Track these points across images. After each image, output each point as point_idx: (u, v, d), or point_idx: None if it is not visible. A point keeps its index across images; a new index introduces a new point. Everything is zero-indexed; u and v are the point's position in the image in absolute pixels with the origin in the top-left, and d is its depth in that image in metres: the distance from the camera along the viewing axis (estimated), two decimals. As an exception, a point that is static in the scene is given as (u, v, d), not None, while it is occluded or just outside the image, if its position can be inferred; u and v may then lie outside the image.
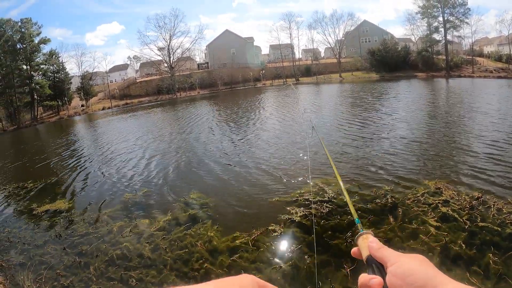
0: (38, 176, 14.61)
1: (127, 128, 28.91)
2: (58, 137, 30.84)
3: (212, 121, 26.11)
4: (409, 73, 62.94)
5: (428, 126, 15.96)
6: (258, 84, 73.25)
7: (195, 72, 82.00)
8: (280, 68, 79.15)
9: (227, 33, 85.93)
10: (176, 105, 48.22)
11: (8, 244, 8.11)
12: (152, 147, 17.80)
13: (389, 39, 74.65)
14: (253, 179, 10.52)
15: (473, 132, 13.90)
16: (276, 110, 27.45)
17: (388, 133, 14.96)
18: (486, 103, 21.84)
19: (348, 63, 75.80)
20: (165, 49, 77.01)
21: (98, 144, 22.32)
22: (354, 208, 1.08)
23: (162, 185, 11.15)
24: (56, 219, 9.31)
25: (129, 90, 76.21)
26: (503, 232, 6.07)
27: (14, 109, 58.28)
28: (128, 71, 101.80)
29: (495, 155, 10.51)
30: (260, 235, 6.70)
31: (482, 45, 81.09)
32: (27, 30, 60.92)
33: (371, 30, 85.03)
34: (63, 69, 69.59)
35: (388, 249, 0.79)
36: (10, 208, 11.05)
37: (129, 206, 9.49)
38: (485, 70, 56.45)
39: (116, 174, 13.26)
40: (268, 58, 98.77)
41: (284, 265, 5.75)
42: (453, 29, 66.61)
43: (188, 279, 5.78)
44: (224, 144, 16.49)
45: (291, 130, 17.91)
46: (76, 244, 7.55)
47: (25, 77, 61.27)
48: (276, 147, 14.40)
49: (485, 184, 8.35)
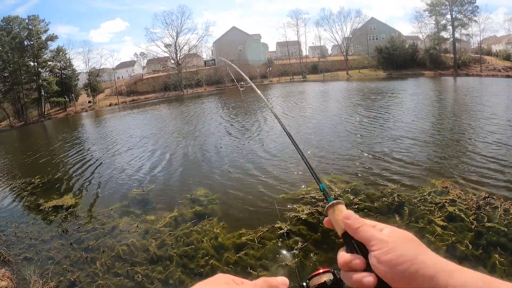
0: (45, 171, 14.71)
1: (134, 124, 29.01)
2: (65, 133, 30.99)
3: (219, 117, 26.10)
4: (416, 71, 62.69)
5: (436, 126, 15.85)
6: (265, 81, 73.17)
7: (201, 69, 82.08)
8: (287, 65, 79.04)
9: (234, 30, 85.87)
10: (183, 102, 48.30)
11: (15, 239, 8.17)
12: (159, 143, 17.85)
13: (396, 37, 74.40)
14: (260, 176, 10.50)
15: (481, 133, 13.77)
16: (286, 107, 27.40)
17: (395, 131, 14.88)
18: (494, 103, 21.66)
19: (355, 60, 75.47)
20: (172, 46, 77.16)
21: (105, 140, 22.40)
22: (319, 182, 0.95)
23: (169, 181, 11.18)
24: (63, 214, 9.37)
25: (136, 87, 76.51)
26: (510, 233, 6.01)
27: (21, 105, 58.76)
28: (135, 68, 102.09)
29: (503, 156, 10.41)
30: (266, 232, 6.69)
31: (490, 43, 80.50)
32: (35, 27, 61.35)
33: (379, 28, 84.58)
34: (70, 66, 70.06)
35: (368, 228, 0.72)
36: (18, 204, 11.14)
37: (135, 202, 9.52)
38: (493, 69, 56.07)
39: (123, 170, 13.31)
40: (275, 56, 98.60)
41: (290, 263, 5.75)
42: (461, 27, 66.31)
43: (194, 275, 5.80)
44: (231, 140, 16.49)
45: (297, 128, 17.87)
46: (82, 239, 7.60)
47: (32, 73, 61.71)
48: (283, 145, 14.37)
49: (492, 184, 8.27)
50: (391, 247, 0.66)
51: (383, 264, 0.65)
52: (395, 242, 0.66)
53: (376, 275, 0.67)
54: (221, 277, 0.70)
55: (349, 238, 0.75)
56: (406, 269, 0.62)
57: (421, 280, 0.61)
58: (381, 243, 0.67)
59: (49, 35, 64.94)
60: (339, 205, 0.80)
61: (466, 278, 0.59)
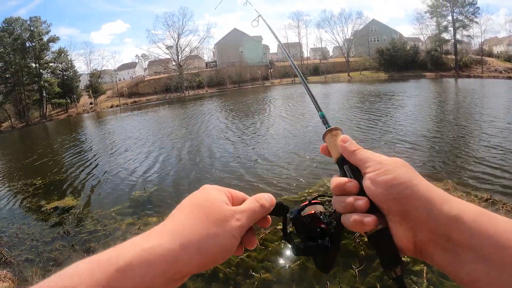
0: (47, 173, 14.72)
1: (136, 126, 29.05)
2: (67, 134, 31.02)
3: (220, 118, 26.17)
4: (418, 73, 62.64)
5: (437, 127, 15.84)
6: (266, 83, 73.22)
7: (203, 70, 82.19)
8: (289, 67, 79.00)
9: (235, 32, 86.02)
10: (184, 103, 48.32)
11: (17, 240, 8.17)
12: (161, 145, 17.85)
13: (397, 39, 74.43)
14: (262, 177, 10.49)
15: (482, 136, 13.74)
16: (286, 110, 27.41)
17: (396, 132, 14.87)
18: (496, 106, 21.65)
19: (356, 62, 75.53)
20: (173, 47, 77.32)
21: (106, 141, 22.43)
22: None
23: (171, 182, 11.18)
24: (64, 216, 9.36)
25: (138, 88, 76.62)
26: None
27: (23, 106, 58.87)
28: (136, 69, 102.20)
29: (505, 158, 10.40)
30: (269, 234, 6.68)
31: (491, 44, 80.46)
32: (36, 28, 61.58)
33: (380, 29, 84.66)
34: (71, 67, 70.18)
35: (364, 151, 0.71)
36: (19, 205, 11.13)
37: (137, 204, 9.52)
38: (494, 70, 55.99)
39: (124, 171, 13.30)
40: (277, 57, 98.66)
41: (293, 265, 5.73)
42: (463, 29, 66.34)
43: (195, 276, 5.78)
44: (233, 141, 16.48)
45: (300, 129, 17.87)
46: (84, 241, 7.59)
47: (34, 75, 61.85)
48: (285, 146, 14.36)
49: (494, 185, 8.25)
50: (386, 169, 0.64)
51: (378, 185, 0.63)
52: (390, 165, 0.65)
53: (368, 199, 0.65)
54: (209, 191, 0.68)
55: (344, 162, 0.73)
56: (401, 191, 0.61)
57: (416, 203, 0.60)
58: (376, 165, 0.66)
59: (50, 36, 65.19)
60: (337, 130, 0.79)
61: (461, 205, 0.59)
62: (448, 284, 4.68)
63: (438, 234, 0.58)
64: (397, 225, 0.62)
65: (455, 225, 0.57)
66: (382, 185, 0.63)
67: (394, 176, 0.63)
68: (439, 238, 0.58)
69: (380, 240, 0.64)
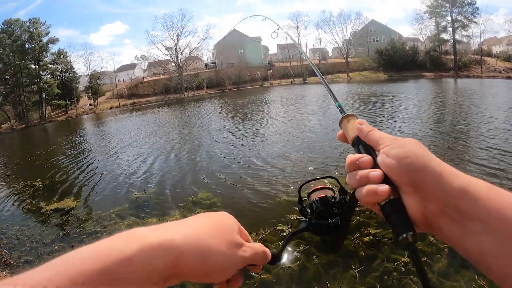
0: (47, 174, 14.69)
1: (135, 127, 29.00)
2: (66, 135, 30.99)
3: (220, 119, 26.17)
4: (417, 73, 62.71)
5: (436, 127, 15.86)
6: (266, 84, 73.23)
7: (202, 71, 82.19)
8: (288, 67, 79.15)
9: (235, 33, 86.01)
10: (184, 104, 48.29)
11: (16, 242, 8.15)
12: (160, 146, 17.82)
13: (397, 39, 74.53)
14: (262, 178, 10.48)
15: (481, 137, 13.76)
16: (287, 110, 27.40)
17: (395, 133, 14.86)
18: (496, 105, 21.67)
19: (356, 62, 75.64)
20: (172, 48, 77.34)
21: (106, 142, 22.41)
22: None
23: (170, 184, 11.15)
24: (64, 217, 9.34)
25: (137, 90, 76.63)
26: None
27: (22, 108, 58.87)
28: (136, 71, 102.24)
29: (504, 159, 10.40)
30: (268, 235, 6.67)
31: (490, 44, 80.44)
32: (36, 30, 61.59)
33: (379, 30, 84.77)
34: (71, 69, 70.26)
35: (379, 132, 0.75)
36: (19, 206, 11.11)
37: (137, 205, 9.50)
38: (493, 70, 56.07)
39: (124, 173, 13.28)
40: (276, 58, 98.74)
41: (292, 265, 5.72)
42: (462, 29, 66.39)
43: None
44: (232, 143, 16.45)
45: (301, 129, 17.87)
46: (84, 242, 7.54)
47: (33, 76, 61.87)
48: (286, 147, 14.36)
49: (496, 184, 8.24)
50: (400, 144, 0.68)
51: (391, 157, 0.66)
52: (403, 141, 0.69)
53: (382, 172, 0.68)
54: (228, 218, 0.71)
55: (359, 142, 0.77)
56: (413, 162, 0.63)
57: (427, 176, 0.62)
58: (390, 141, 0.70)
59: (50, 38, 65.22)
60: (353, 116, 0.85)
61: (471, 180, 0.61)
62: (448, 284, 4.69)
63: (448, 206, 0.60)
64: (409, 196, 0.65)
65: (464, 197, 0.58)
66: (396, 157, 0.66)
67: (407, 149, 0.66)
68: (449, 209, 0.60)
69: (393, 209, 0.66)
